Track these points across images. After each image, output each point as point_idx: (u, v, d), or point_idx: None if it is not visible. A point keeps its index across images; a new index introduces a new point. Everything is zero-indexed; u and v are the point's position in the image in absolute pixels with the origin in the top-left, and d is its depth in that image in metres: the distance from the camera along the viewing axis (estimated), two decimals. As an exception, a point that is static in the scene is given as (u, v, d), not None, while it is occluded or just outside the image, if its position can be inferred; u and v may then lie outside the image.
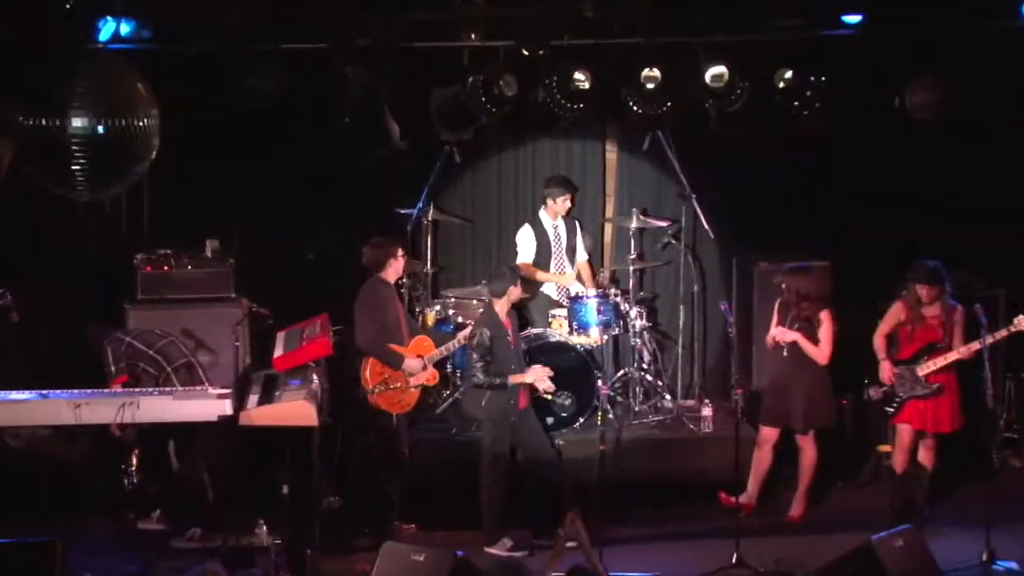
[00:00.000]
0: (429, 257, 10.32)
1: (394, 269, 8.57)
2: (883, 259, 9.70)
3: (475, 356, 8.24)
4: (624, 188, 10.87)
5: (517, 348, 8.49)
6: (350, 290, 8.89)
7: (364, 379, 8.44)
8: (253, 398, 8.34)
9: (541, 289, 10.31)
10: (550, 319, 10.14)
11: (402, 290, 9.79)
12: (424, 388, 8.76)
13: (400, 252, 8.57)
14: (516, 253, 10.27)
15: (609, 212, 10.95)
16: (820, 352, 8.61)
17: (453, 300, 10.17)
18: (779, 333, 8.70)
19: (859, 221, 10.29)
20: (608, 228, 11.01)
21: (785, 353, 8.70)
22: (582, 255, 10.51)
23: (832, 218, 10.35)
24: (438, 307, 10.15)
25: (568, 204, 10.26)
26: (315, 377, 8.46)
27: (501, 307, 8.39)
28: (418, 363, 8.57)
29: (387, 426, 8.55)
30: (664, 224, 10.50)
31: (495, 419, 8.35)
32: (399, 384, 8.50)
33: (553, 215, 10.26)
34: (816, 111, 9.73)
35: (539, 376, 8.38)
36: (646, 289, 10.81)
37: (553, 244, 10.32)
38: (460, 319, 9.99)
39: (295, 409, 8.07)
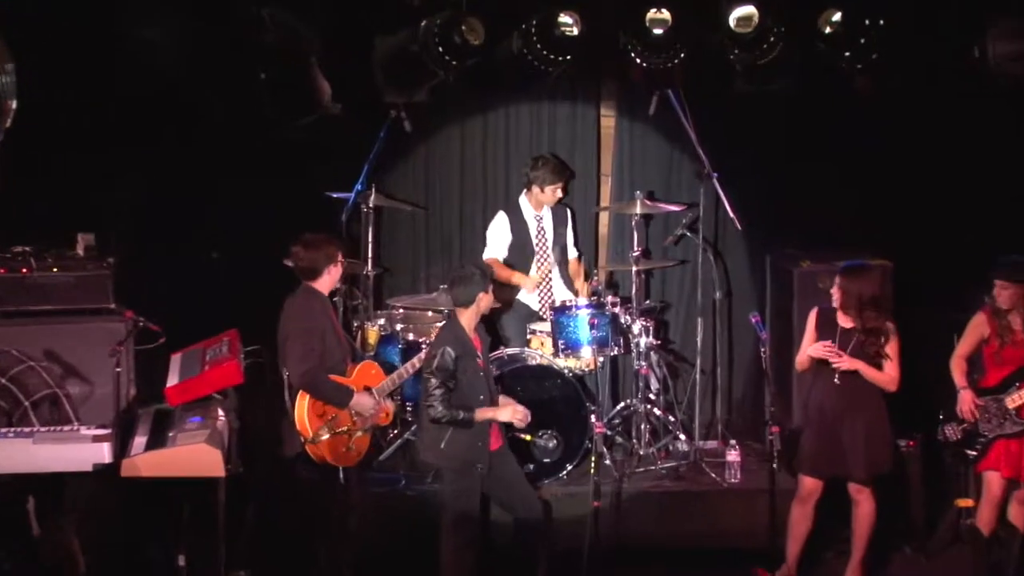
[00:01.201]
0: (370, 255, 10.29)
1: (331, 278, 8.59)
2: (960, 257, 9.85)
3: (433, 382, 8.22)
4: (625, 165, 10.97)
5: (488, 374, 8.47)
6: (267, 299, 8.88)
7: (300, 423, 8.38)
8: (140, 441, 8.32)
9: (518, 297, 10.39)
10: (529, 336, 10.21)
11: (335, 298, 9.82)
12: (375, 430, 8.82)
13: (340, 256, 8.59)
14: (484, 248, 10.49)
15: (605, 196, 11.04)
16: (889, 376, 8.56)
17: (401, 311, 10.20)
18: (833, 355, 8.61)
19: (928, 208, 10.43)
20: (604, 217, 11.08)
21: (837, 380, 8.64)
22: (572, 251, 10.64)
23: (893, 204, 10.50)
24: (382, 321, 10.16)
25: (559, 194, 10.41)
26: (221, 413, 8.49)
27: (468, 320, 8.37)
28: (369, 399, 8.56)
29: (330, 484, 8.54)
30: (677, 210, 10.49)
31: (458, 466, 8.32)
32: (346, 427, 8.48)
33: (537, 204, 10.40)
34: (872, 65, 9.80)
35: (515, 416, 8.37)
36: (653, 296, 10.91)
37: (535, 239, 10.42)
38: (410, 336, 10.03)
39: (195, 455, 8.05)
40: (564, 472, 9.74)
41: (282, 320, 8.49)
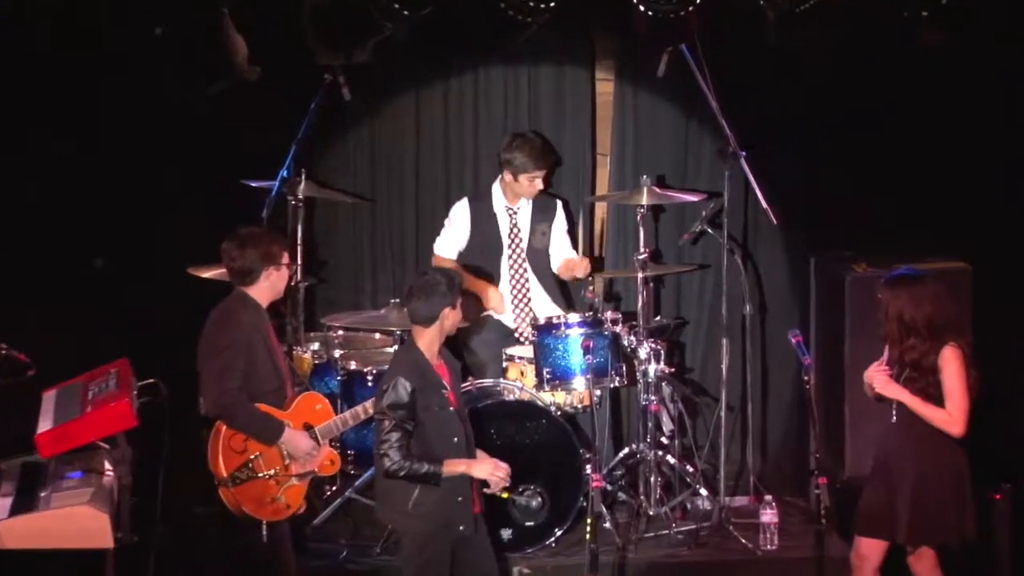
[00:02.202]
0: (300, 261, 10.21)
1: (271, 284, 8.70)
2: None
3: (386, 424, 8.14)
4: (627, 142, 10.99)
5: (461, 411, 8.43)
6: (167, 317, 9.04)
7: (212, 459, 8.48)
8: (2, 503, 8.26)
9: (490, 313, 10.40)
10: (505, 363, 10.23)
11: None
12: (315, 480, 8.83)
13: (285, 258, 8.73)
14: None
15: (603, 182, 11.07)
16: (946, 415, 8.48)
17: (340, 333, 10.22)
18: (878, 380, 8.56)
19: (1021, 197, 10.41)
20: (601, 209, 11.10)
21: (895, 416, 8.63)
22: (566, 250, 10.61)
23: (975, 191, 10.51)
24: (315, 345, 10.20)
25: (539, 185, 10.41)
26: (108, 466, 8.45)
27: (429, 342, 8.32)
28: (306, 440, 8.62)
29: (252, 546, 8.57)
30: (694, 200, 10.48)
31: (427, 534, 8.24)
32: (273, 471, 8.54)
33: (512, 195, 10.40)
34: (942, 10, 9.83)
35: (493, 474, 8.31)
36: (665, 311, 10.90)
37: (507, 239, 10.43)
38: (352, 365, 10.01)
39: (75, 520, 8.04)
40: (552, 539, 9.70)
41: (203, 333, 8.57)
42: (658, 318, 10.52)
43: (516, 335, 10.44)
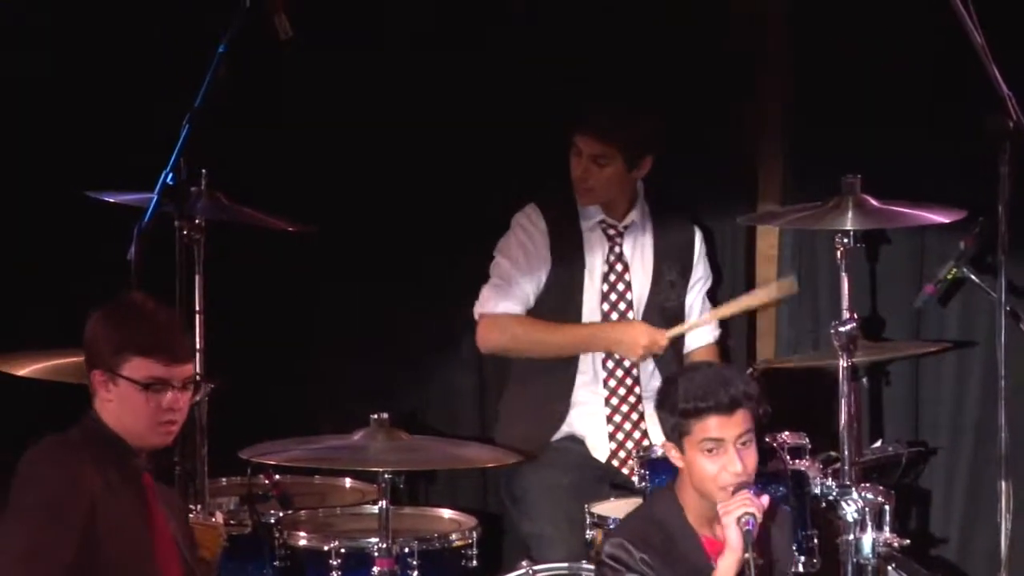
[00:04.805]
0: (200, 342, 9.42)
1: (119, 402, 7.96)
2: None
3: None
4: (813, 112, 10.33)
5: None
6: None
7: None
8: None
9: (569, 423, 10.05)
10: (591, 531, 9.71)
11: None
12: None
13: (150, 360, 7.99)
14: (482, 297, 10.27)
15: (771, 189, 10.72)
16: None
17: (278, 479, 9.95)
18: None
19: None
20: (767, 239, 10.81)
21: None
22: (707, 332, 10.36)
23: None
24: (232, 503, 9.91)
25: (598, 176, 10.01)
26: None
27: (696, 494, 8.14)
28: None
29: None
30: (942, 220, 9.60)
31: None
32: None
33: (615, 198, 10.20)
34: None
35: (743, 510, 7.99)
36: (891, 431, 10.52)
37: (598, 283, 10.12)
38: (302, 539, 9.55)
39: None
40: None
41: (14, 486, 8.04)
42: (878, 443, 9.79)
43: (612, 477, 10.06)
